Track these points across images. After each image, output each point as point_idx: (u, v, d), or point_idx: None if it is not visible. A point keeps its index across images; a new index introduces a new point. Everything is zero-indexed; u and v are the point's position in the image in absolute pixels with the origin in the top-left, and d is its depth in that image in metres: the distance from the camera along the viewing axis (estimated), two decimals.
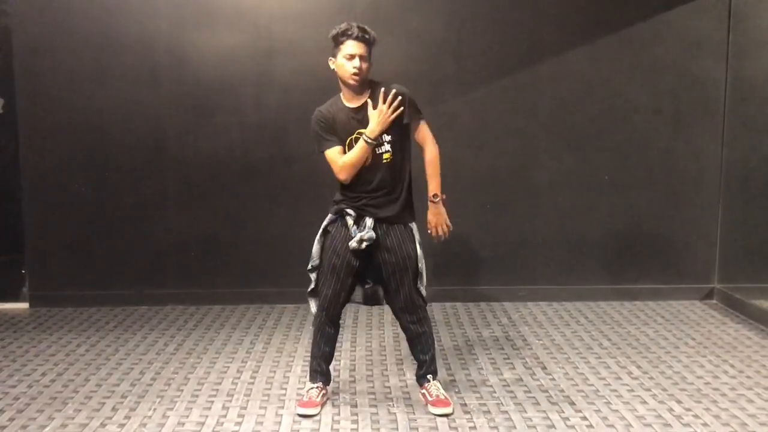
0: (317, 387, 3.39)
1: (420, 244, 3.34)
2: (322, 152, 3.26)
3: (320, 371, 3.42)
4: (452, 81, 4.93)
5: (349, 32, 3.11)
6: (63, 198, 4.93)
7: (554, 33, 4.92)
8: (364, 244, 3.20)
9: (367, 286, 3.43)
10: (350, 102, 3.24)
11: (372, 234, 3.21)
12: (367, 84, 3.21)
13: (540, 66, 4.94)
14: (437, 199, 3.30)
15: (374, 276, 3.38)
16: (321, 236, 3.34)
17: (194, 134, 4.91)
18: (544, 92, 4.97)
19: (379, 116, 3.13)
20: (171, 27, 4.83)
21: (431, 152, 3.31)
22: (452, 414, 3.26)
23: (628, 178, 5.04)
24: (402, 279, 3.28)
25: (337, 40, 3.15)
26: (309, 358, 3.48)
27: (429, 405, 3.32)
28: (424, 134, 3.30)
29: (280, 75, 4.87)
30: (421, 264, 3.32)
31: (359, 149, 3.16)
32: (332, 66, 3.22)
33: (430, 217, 3.33)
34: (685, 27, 4.94)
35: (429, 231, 3.34)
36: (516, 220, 5.06)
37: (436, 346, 3.46)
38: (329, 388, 3.47)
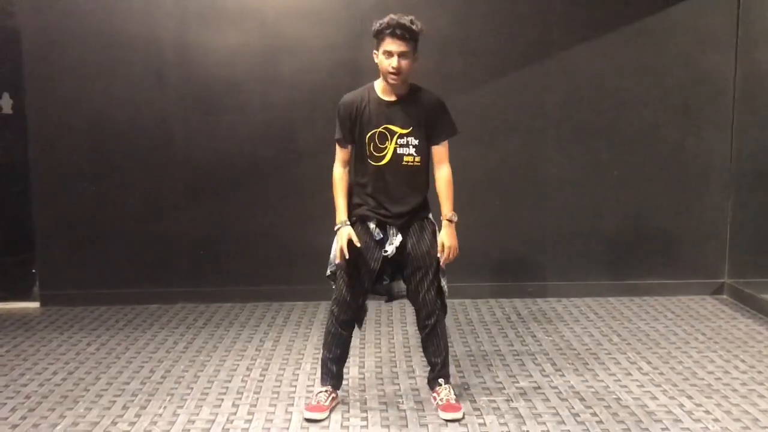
0: (326, 390, 3.30)
1: (436, 235, 3.26)
2: (336, 140, 3.20)
3: (331, 374, 3.33)
4: (459, 78, 4.91)
5: (388, 29, 2.96)
6: (73, 197, 4.95)
7: (562, 28, 4.89)
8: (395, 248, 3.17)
9: (385, 283, 3.36)
10: (386, 95, 3.12)
11: (400, 237, 3.17)
12: (407, 83, 3.11)
13: (548, 62, 4.92)
14: (454, 220, 3.18)
15: (392, 272, 3.32)
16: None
17: (202, 133, 4.92)
18: (552, 88, 4.95)
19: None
20: (178, 26, 4.83)
21: (446, 172, 3.20)
22: (462, 419, 3.19)
23: (637, 173, 5.02)
24: (423, 278, 3.22)
25: (378, 36, 3.02)
26: (319, 356, 3.48)
27: (439, 410, 3.24)
28: (442, 152, 3.19)
29: (286, 73, 4.86)
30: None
31: (340, 209, 3.15)
32: (375, 59, 3.09)
33: (445, 239, 3.17)
34: (693, 21, 4.91)
35: (439, 254, 3.20)
36: (525, 216, 5.05)
37: (449, 350, 3.41)
38: (339, 392, 3.39)
